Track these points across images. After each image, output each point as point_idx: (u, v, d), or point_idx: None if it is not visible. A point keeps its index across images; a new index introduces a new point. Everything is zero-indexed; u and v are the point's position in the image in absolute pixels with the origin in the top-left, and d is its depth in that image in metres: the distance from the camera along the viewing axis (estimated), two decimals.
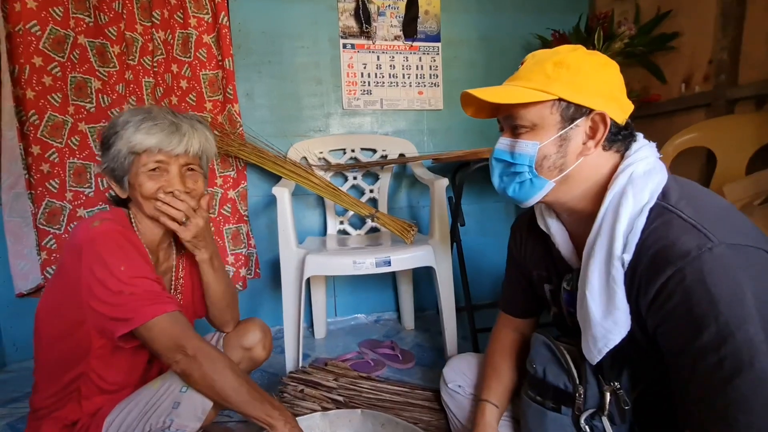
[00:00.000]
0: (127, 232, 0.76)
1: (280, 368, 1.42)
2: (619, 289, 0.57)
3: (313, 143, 1.80)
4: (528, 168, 0.63)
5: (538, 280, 0.81)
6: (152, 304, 0.71)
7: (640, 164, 0.60)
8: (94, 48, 1.51)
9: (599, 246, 0.59)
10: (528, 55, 0.68)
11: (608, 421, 0.64)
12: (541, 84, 0.61)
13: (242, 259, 1.74)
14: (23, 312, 1.55)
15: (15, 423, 1.21)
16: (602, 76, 0.62)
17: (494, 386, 0.84)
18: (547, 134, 0.62)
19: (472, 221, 1.88)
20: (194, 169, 0.84)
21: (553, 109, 0.61)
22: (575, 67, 0.61)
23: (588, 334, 0.62)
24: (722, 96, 1.40)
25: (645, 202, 0.56)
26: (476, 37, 1.98)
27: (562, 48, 0.65)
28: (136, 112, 0.79)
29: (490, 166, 0.71)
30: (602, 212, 0.60)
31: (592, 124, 0.61)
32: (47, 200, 1.47)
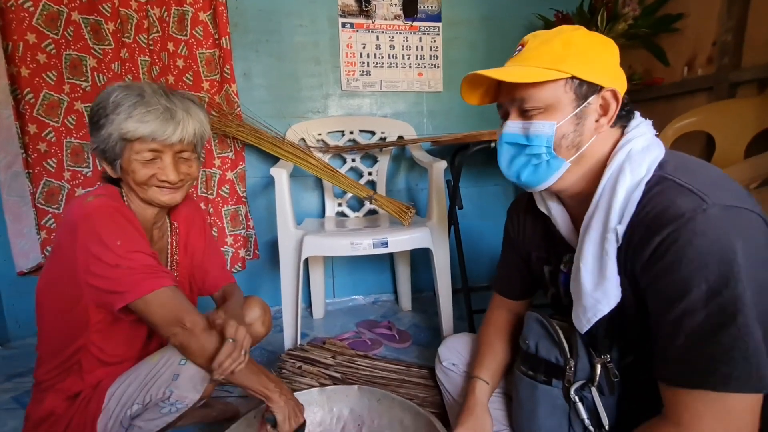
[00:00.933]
0: (121, 208, 0.76)
1: (279, 346, 1.45)
2: (611, 261, 0.58)
3: (311, 125, 1.79)
4: (546, 149, 0.63)
5: (537, 261, 0.81)
6: (150, 278, 0.71)
7: (639, 140, 0.60)
8: (89, 25, 1.48)
9: (596, 221, 0.60)
10: (526, 36, 0.67)
11: (597, 392, 0.66)
12: (552, 62, 0.60)
13: (241, 240, 1.76)
14: (25, 290, 1.57)
15: (20, 396, 1.24)
16: (606, 54, 0.63)
17: (486, 363, 0.85)
18: (562, 113, 0.61)
19: (470, 204, 1.88)
20: (188, 154, 0.82)
21: (567, 87, 0.61)
22: (583, 46, 0.61)
23: (579, 305, 0.64)
24: (725, 79, 1.38)
25: (642, 176, 0.57)
26: (478, 17, 1.95)
27: (563, 28, 0.64)
28: (127, 92, 0.75)
29: (498, 152, 0.69)
30: (600, 189, 0.61)
31: (603, 102, 0.62)
32: (45, 180, 1.47)
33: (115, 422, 0.75)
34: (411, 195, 2.02)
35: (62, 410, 0.78)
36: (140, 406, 0.74)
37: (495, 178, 2.10)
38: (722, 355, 0.49)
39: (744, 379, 0.48)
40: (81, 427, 0.75)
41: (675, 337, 0.52)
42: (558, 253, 0.75)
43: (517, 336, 0.84)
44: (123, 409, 0.74)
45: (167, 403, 0.74)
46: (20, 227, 1.48)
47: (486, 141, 1.42)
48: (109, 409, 0.75)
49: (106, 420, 0.75)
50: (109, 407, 0.75)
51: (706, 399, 0.50)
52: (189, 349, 0.73)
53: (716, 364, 0.49)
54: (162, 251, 0.90)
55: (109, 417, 0.75)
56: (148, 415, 0.75)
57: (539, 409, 0.71)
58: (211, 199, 1.70)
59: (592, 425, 0.67)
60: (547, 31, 0.65)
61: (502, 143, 0.67)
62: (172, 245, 0.92)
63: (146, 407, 0.74)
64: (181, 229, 0.94)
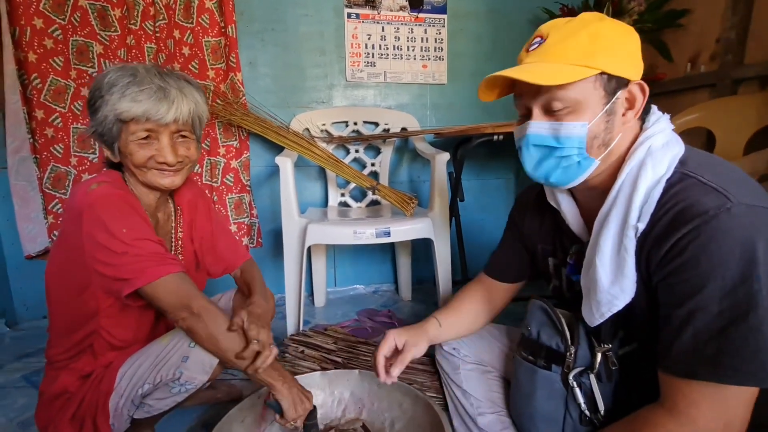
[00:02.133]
0: (125, 195, 0.76)
1: (282, 333, 1.48)
2: (629, 257, 0.58)
3: (315, 115, 1.80)
4: (578, 150, 0.60)
5: (542, 253, 0.82)
6: (157, 265, 0.72)
7: (659, 137, 0.59)
8: (95, 11, 1.49)
9: (614, 216, 0.59)
10: (544, 27, 0.62)
11: (595, 379, 0.68)
12: (581, 58, 0.57)
13: (245, 228, 1.78)
14: (33, 273, 1.59)
15: (29, 375, 1.28)
16: (632, 45, 0.60)
17: (448, 315, 0.91)
18: (593, 112, 0.59)
19: (471, 197, 1.90)
20: (186, 136, 0.82)
21: (597, 84, 0.58)
22: (610, 38, 0.58)
23: (592, 300, 0.63)
24: (727, 76, 1.39)
25: (662, 173, 0.56)
26: (483, 9, 1.95)
27: (586, 18, 0.60)
28: (122, 72, 0.74)
29: (522, 153, 0.66)
30: (618, 184, 0.60)
31: (630, 95, 0.60)
32: (52, 165, 1.49)
33: (126, 401, 0.77)
34: (413, 186, 2.03)
35: (75, 388, 0.80)
36: (150, 386, 0.76)
37: (497, 171, 2.12)
38: (730, 349, 0.49)
39: (749, 373, 0.49)
40: (93, 405, 0.78)
41: (683, 330, 0.53)
42: (564, 246, 0.76)
43: (485, 314, 0.93)
44: (134, 388, 0.77)
45: (177, 384, 0.76)
46: (28, 211, 1.50)
47: (489, 134, 1.43)
48: (121, 388, 0.77)
49: (117, 398, 0.77)
50: (120, 386, 0.77)
51: (705, 389, 0.51)
52: (196, 334, 0.75)
53: (722, 356, 0.49)
54: (167, 235, 0.91)
55: (121, 396, 0.77)
56: (158, 394, 0.78)
57: (537, 393, 0.74)
58: (215, 187, 1.72)
59: (588, 410, 0.69)
60: (568, 20, 0.61)
61: (528, 145, 0.64)
62: (176, 230, 0.93)
63: (156, 387, 0.77)
64: (185, 213, 0.95)
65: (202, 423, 1.06)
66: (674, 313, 0.54)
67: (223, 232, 1.02)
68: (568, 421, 0.71)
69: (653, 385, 0.59)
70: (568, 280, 0.76)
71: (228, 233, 1.05)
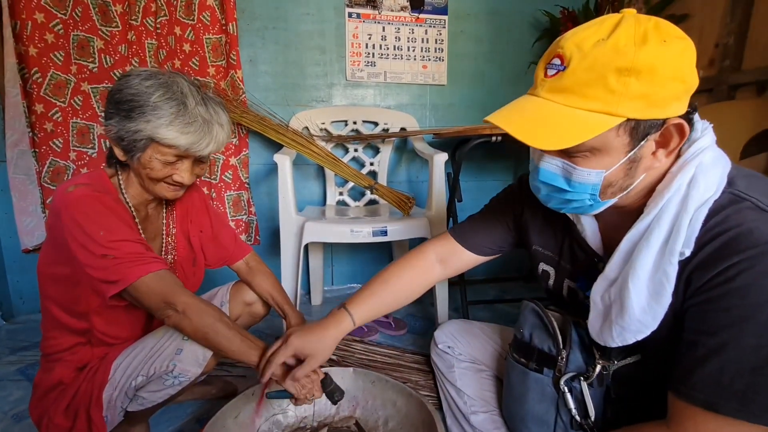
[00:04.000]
0: (102, 197, 0.74)
1: (278, 330, 1.48)
2: (669, 285, 0.52)
3: (315, 113, 1.81)
4: (590, 196, 0.56)
5: (540, 257, 0.79)
6: (136, 265, 0.71)
7: (708, 152, 0.53)
8: (97, 6, 1.49)
9: (655, 238, 0.53)
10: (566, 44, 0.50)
11: (586, 384, 0.68)
12: (603, 104, 0.49)
13: (242, 226, 1.78)
14: (29, 267, 1.60)
15: (24, 369, 1.28)
16: (680, 70, 0.48)
17: (366, 302, 0.81)
18: (612, 159, 0.52)
19: (469, 198, 1.90)
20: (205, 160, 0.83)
21: (620, 131, 0.50)
22: (648, 72, 0.47)
23: (613, 323, 0.58)
24: (725, 81, 1.40)
25: (711, 193, 0.51)
26: (484, 11, 1.96)
27: (622, 38, 0.47)
28: (169, 95, 0.73)
29: (531, 182, 0.62)
30: (661, 203, 0.53)
31: (662, 137, 0.52)
32: (51, 159, 1.49)
33: (120, 393, 0.77)
34: (412, 186, 2.04)
35: (70, 380, 0.80)
36: (144, 378, 0.76)
37: (495, 172, 2.12)
38: (763, 388, 0.46)
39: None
40: (87, 397, 0.78)
41: (709, 359, 0.49)
42: (575, 257, 0.71)
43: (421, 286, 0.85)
44: (128, 380, 0.77)
45: (170, 376, 0.76)
46: (26, 205, 1.51)
47: (487, 135, 1.44)
48: (115, 380, 0.78)
49: (111, 390, 0.77)
50: (114, 378, 0.78)
51: (724, 424, 0.49)
52: (184, 330, 0.74)
53: (753, 394, 0.47)
54: (157, 230, 0.91)
55: (115, 387, 0.77)
56: (152, 387, 0.78)
57: (529, 395, 0.74)
58: (214, 183, 1.72)
59: (578, 415, 0.69)
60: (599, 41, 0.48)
61: (537, 176, 0.59)
62: (168, 224, 0.93)
63: (150, 379, 0.77)
64: (177, 206, 0.95)
65: (196, 418, 1.06)
66: (702, 340, 0.50)
67: (223, 223, 1.03)
68: (559, 424, 0.71)
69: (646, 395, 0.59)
70: (570, 289, 0.74)
71: (228, 225, 1.05)
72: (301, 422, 0.98)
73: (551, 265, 0.77)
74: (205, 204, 1.00)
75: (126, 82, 0.74)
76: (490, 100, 2.01)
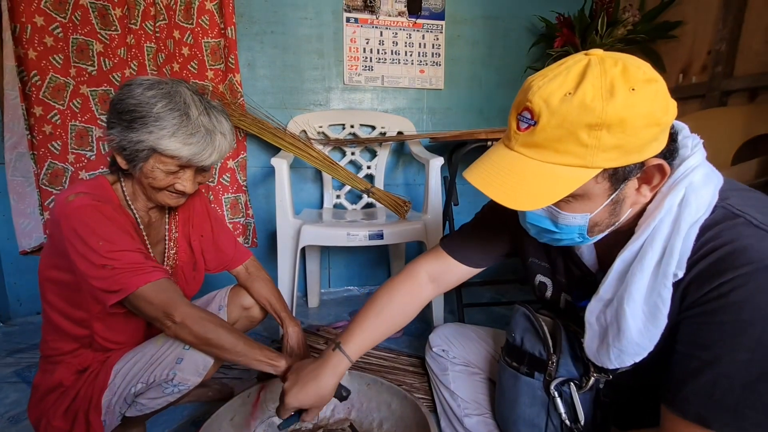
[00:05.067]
0: (102, 206, 0.73)
1: (274, 333, 1.49)
2: (665, 307, 0.53)
3: (313, 117, 1.82)
4: (578, 234, 0.57)
5: (533, 269, 0.79)
6: (136, 275, 0.71)
7: (699, 170, 0.53)
8: (96, 10, 1.50)
9: (648, 260, 0.53)
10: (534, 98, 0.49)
11: (576, 389, 0.69)
12: (577, 158, 0.49)
13: (240, 228, 1.79)
14: (27, 269, 1.60)
15: (21, 371, 1.28)
16: (653, 115, 0.48)
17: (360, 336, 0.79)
18: (595, 203, 0.53)
19: (466, 201, 1.91)
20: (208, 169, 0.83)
21: (599, 179, 0.51)
22: (619, 124, 0.47)
23: (610, 345, 0.58)
24: (717, 87, 1.42)
25: (702, 212, 0.51)
26: (480, 16, 1.97)
27: (589, 94, 0.47)
28: (172, 105, 0.72)
29: (522, 222, 0.63)
30: (655, 222, 0.53)
31: (644, 176, 0.53)
32: (50, 161, 1.49)
33: (119, 398, 0.78)
34: (409, 189, 2.05)
35: (70, 382, 0.81)
36: (144, 385, 0.76)
37: None
38: (755, 403, 0.47)
39: None
40: (87, 400, 0.78)
41: (702, 373, 0.49)
42: (570, 272, 0.72)
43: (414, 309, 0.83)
44: (127, 386, 0.77)
45: (170, 384, 0.76)
46: (24, 207, 1.51)
47: (483, 139, 1.45)
48: (115, 385, 0.78)
49: (111, 396, 0.78)
50: (114, 383, 0.78)
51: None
52: (185, 340, 0.75)
53: (745, 409, 0.47)
54: (160, 235, 0.92)
55: (114, 393, 0.78)
56: (151, 394, 0.78)
57: (520, 399, 0.75)
58: (211, 186, 1.73)
59: (568, 419, 0.70)
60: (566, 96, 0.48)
61: (525, 221, 0.60)
62: (171, 229, 0.94)
63: (150, 387, 0.77)
64: (180, 211, 0.96)
65: (192, 420, 1.07)
66: (696, 353, 0.50)
67: (224, 228, 1.03)
68: (550, 427, 0.72)
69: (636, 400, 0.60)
70: (567, 302, 0.75)
71: (228, 230, 1.06)
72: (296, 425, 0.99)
73: (548, 277, 0.77)
74: (206, 208, 1.00)
75: (128, 92, 0.73)
76: (487, 104, 2.03)
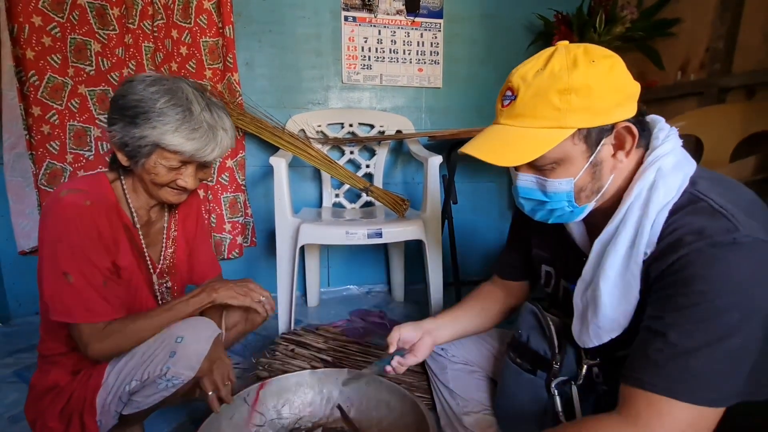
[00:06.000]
0: (91, 210, 0.73)
1: (273, 332, 1.49)
2: (635, 283, 0.57)
3: (311, 116, 1.82)
4: (567, 203, 0.61)
5: (537, 258, 0.82)
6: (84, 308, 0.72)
7: (669, 157, 0.57)
8: (94, 9, 1.50)
9: (622, 240, 0.58)
10: (513, 78, 0.59)
11: (576, 390, 0.70)
12: (552, 120, 0.56)
13: (239, 227, 1.79)
14: (26, 269, 1.60)
15: (21, 371, 1.28)
16: (613, 82, 0.56)
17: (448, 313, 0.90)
18: (577, 166, 0.58)
19: (464, 200, 1.92)
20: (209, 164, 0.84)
21: (575, 139, 0.56)
22: (585, 89, 0.54)
23: (590, 323, 0.62)
24: (715, 84, 1.42)
25: (671, 197, 0.55)
26: (478, 14, 1.97)
27: (556, 66, 0.56)
28: (174, 101, 0.73)
29: (516, 200, 0.67)
30: (625, 207, 0.58)
31: (617, 137, 0.58)
32: (48, 161, 1.49)
33: (113, 397, 0.77)
34: (407, 188, 2.05)
35: (65, 383, 0.81)
36: (138, 383, 0.76)
37: (490, 174, 2.14)
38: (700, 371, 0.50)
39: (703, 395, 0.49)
40: (81, 401, 0.78)
41: (652, 342, 0.53)
42: (566, 257, 0.74)
43: (495, 312, 0.91)
44: (122, 385, 0.77)
45: (164, 379, 0.76)
46: (22, 207, 1.51)
47: None
48: (108, 384, 0.78)
49: (105, 395, 0.77)
50: (108, 383, 0.78)
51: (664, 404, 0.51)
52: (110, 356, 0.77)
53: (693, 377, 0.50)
54: (159, 233, 0.92)
55: (108, 392, 0.77)
56: (146, 391, 0.78)
57: (521, 396, 0.75)
58: (210, 185, 1.73)
59: (564, 419, 0.70)
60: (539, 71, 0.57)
61: (518, 195, 0.65)
62: (170, 227, 0.94)
63: (144, 384, 0.77)
64: (179, 212, 0.96)
65: (192, 419, 1.07)
66: (652, 325, 0.54)
67: (206, 239, 1.03)
68: (547, 424, 0.72)
69: None
70: (564, 289, 0.76)
71: (208, 243, 1.05)
72: (296, 423, 0.99)
73: (550, 265, 0.80)
74: (199, 212, 1.00)
75: (130, 88, 0.74)
76: (485, 103, 2.03)
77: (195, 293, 0.85)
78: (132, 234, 0.84)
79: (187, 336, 0.78)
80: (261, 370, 1.16)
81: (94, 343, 0.74)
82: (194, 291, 0.85)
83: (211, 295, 0.85)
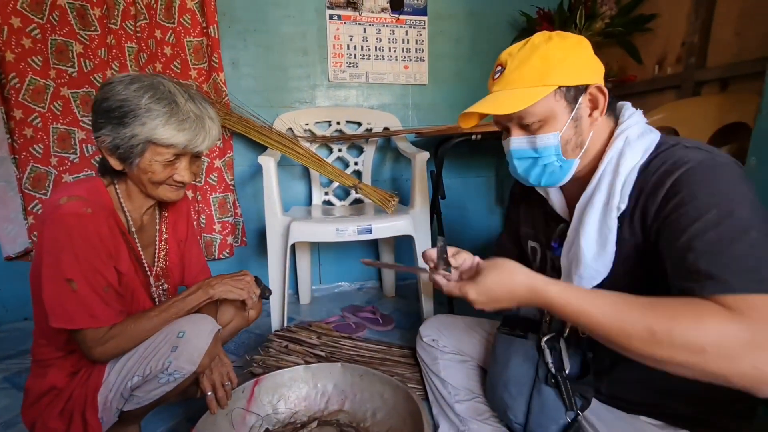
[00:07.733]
0: (92, 218, 0.73)
1: (266, 329, 1.50)
2: (611, 235, 0.65)
3: (299, 115, 1.82)
4: (556, 156, 0.69)
5: (524, 236, 0.90)
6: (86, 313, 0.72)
7: (634, 129, 0.67)
8: (74, 10, 1.48)
9: (597, 200, 0.66)
10: (502, 56, 0.71)
11: (564, 343, 0.75)
12: (537, 80, 0.66)
13: (229, 227, 1.79)
14: (13, 275, 1.58)
15: (11, 377, 1.27)
16: (582, 54, 0.68)
17: None
18: (560, 121, 0.67)
19: (453, 195, 1.94)
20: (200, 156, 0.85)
21: (557, 97, 0.66)
22: (560, 55, 0.66)
23: (573, 274, 0.70)
24: (690, 78, 1.46)
25: (638, 159, 0.63)
26: (463, 12, 2.00)
27: (535, 40, 0.69)
28: (158, 96, 0.74)
29: (510, 165, 0.75)
30: (599, 172, 0.67)
31: (591, 98, 0.68)
32: (32, 165, 1.47)
33: (115, 394, 0.78)
34: (396, 184, 2.07)
35: (63, 384, 0.81)
36: (140, 378, 0.77)
37: (477, 169, 2.17)
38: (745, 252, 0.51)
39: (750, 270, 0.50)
40: (82, 400, 0.79)
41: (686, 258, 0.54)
42: (549, 227, 0.82)
43: None
44: (123, 381, 0.78)
45: (165, 374, 0.77)
46: (7, 212, 1.49)
47: (467, 133, 1.48)
48: (110, 381, 0.78)
49: (106, 392, 0.78)
50: (109, 380, 0.78)
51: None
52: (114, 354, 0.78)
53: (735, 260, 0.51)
54: (152, 237, 0.93)
55: (110, 389, 0.78)
56: (147, 386, 0.78)
57: (512, 360, 0.80)
58: (199, 186, 1.72)
59: (554, 368, 0.75)
60: (521, 47, 0.69)
61: (512, 158, 0.73)
62: (161, 231, 0.94)
63: (146, 379, 0.77)
64: (170, 215, 0.97)
65: (188, 417, 1.08)
66: (681, 240, 0.55)
67: (196, 241, 1.04)
68: (537, 382, 0.77)
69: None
70: (551, 260, 0.81)
71: (198, 245, 1.06)
72: (291, 417, 1.01)
73: (535, 240, 0.86)
74: (188, 215, 1.01)
75: (111, 89, 0.74)
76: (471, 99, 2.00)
77: (192, 290, 0.86)
78: (128, 239, 0.84)
79: (189, 331, 0.79)
80: (255, 366, 1.17)
81: (97, 347, 0.75)
82: (191, 288, 0.87)
83: (208, 291, 0.86)
